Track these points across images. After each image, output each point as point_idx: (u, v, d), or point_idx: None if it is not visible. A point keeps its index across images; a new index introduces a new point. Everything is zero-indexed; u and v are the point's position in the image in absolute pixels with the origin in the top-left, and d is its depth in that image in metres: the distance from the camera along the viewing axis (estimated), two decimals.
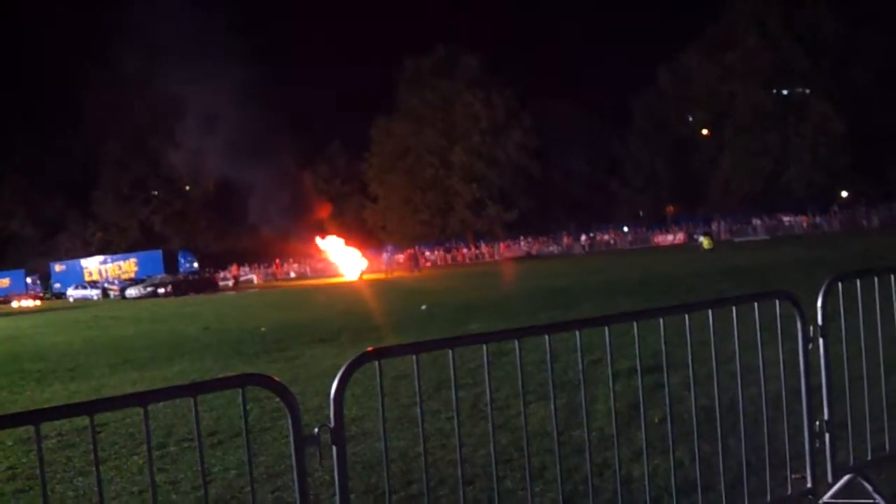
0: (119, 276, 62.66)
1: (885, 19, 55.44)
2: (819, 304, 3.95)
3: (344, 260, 51.94)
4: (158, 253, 66.21)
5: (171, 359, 12.73)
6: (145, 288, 48.55)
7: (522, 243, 69.48)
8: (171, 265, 63.15)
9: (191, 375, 10.57)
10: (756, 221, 59.28)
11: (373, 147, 73.71)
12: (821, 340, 3.92)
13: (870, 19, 56.40)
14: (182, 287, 47.49)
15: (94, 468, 2.77)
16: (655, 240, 62.37)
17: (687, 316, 3.70)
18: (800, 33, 58.92)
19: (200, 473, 3.03)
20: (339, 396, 2.94)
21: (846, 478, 3.99)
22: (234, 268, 64.86)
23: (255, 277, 66.41)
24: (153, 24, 62.30)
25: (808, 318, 3.90)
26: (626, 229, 69.53)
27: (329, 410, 2.93)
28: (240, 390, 2.90)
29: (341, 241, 52.82)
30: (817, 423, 3.89)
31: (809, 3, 58.58)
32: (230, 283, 58.05)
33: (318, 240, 54.46)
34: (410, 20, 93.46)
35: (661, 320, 3.67)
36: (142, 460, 5.91)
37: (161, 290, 47.01)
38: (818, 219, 56.78)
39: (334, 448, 2.91)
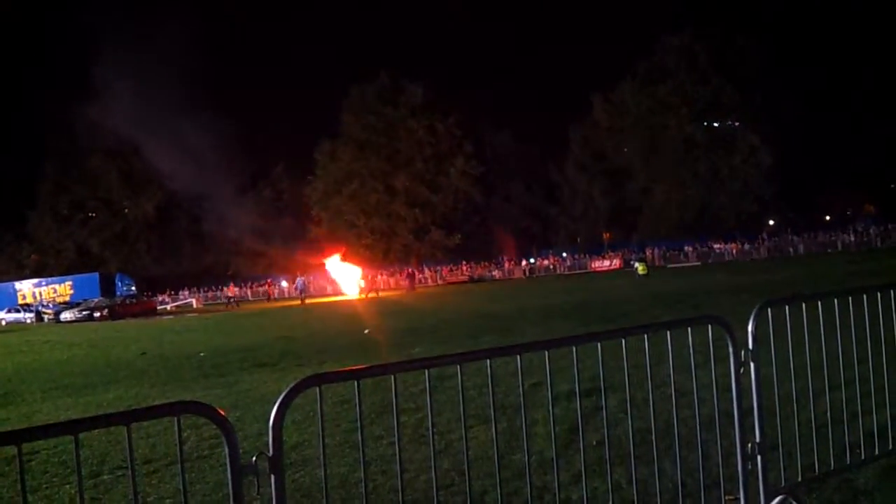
0: (54, 300, 60.80)
1: (813, 54, 57.79)
2: (750, 328, 4.06)
3: (346, 279, 52.62)
4: (95, 276, 64.53)
5: (107, 384, 12.36)
6: (80, 311, 47.13)
7: (465, 268, 69.75)
8: (107, 288, 61.58)
9: (126, 401, 10.29)
10: (688, 248, 60.69)
11: (317, 171, 73.30)
12: (751, 364, 4.01)
13: (798, 55, 58.69)
14: (118, 311, 46.33)
15: (22, 498, 2.67)
16: (593, 265, 63.24)
17: (623, 340, 3.77)
18: (729, 68, 60.94)
19: (134, 503, 2.96)
20: (278, 424, 2.91)
21: (778, 499, 4.08)
22: (230, 287, 63.60)
23: (194, 301, 65.14)
24: (96, 43, 61.39)
25: (740, 343, 3.99)
26: (564, 255, 70.44)
27: (268, 437, 2.90)
28: (176, 418, 2.85)
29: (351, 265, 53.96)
30: (749, 444, 3.98)
31: (739, 39, 60.64)
32: (228, 303, 56.84)
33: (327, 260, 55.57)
34: (356, 46, 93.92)
35: (599, 345, 3.73)
36: (73, 489, 5.71)
37: (97, 314, 45.76)
38: (747, 246, 58.42)
39: (272, 477, 2.87)
